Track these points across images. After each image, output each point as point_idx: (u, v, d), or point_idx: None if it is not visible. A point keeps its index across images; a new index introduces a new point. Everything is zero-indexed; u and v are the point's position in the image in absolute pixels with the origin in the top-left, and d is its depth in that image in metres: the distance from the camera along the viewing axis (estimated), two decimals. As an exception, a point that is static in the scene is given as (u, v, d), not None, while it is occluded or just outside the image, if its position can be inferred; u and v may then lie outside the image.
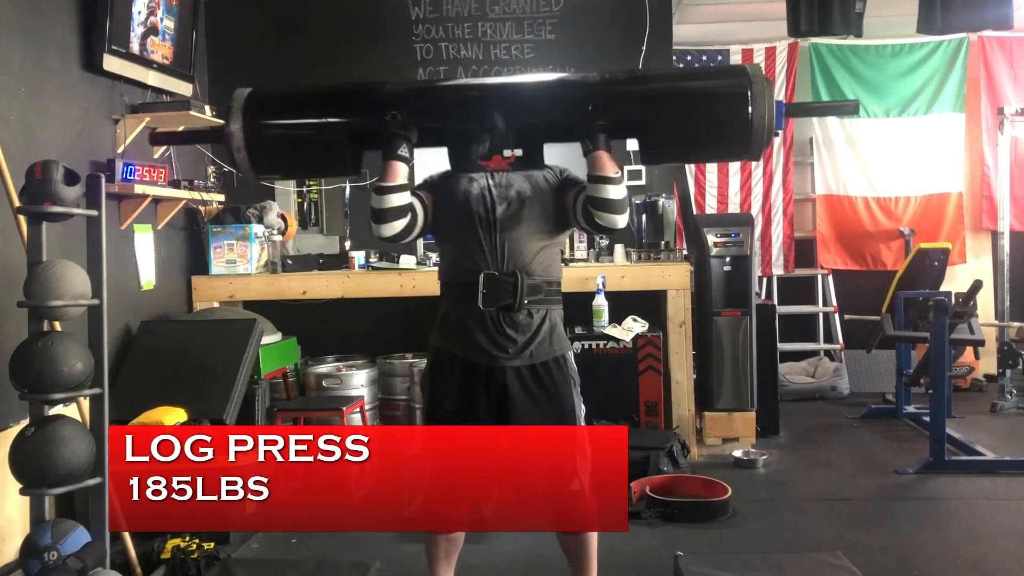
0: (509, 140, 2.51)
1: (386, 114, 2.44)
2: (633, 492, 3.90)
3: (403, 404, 5.04)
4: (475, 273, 2.48)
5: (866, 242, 6.72)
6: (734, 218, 5.96)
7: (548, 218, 2.53)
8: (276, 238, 5.07)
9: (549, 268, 2.55)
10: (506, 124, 2.47)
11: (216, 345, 4.08)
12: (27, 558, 2.65)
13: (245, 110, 2.52)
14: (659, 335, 4.79)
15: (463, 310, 2.50)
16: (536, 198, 2.52)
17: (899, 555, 3.39)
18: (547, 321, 2.53)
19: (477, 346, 2.48)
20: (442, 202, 2.56)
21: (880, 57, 6.60)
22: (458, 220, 2.52)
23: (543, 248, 2.54)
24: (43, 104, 3.69)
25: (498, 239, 2.49)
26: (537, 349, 2.50)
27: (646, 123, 2.50)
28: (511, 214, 2.49)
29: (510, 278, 2.47)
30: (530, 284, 2.48)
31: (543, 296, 2.52)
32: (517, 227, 2.50)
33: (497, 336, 2.47)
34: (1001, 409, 5.77)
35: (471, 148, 2.52)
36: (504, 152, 2.52)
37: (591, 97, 2.47)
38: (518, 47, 5.44)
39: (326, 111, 2.58)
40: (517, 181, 2.54)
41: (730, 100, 2.45)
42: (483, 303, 2.46)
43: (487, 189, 2.52)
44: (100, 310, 2.88)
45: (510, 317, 2.48)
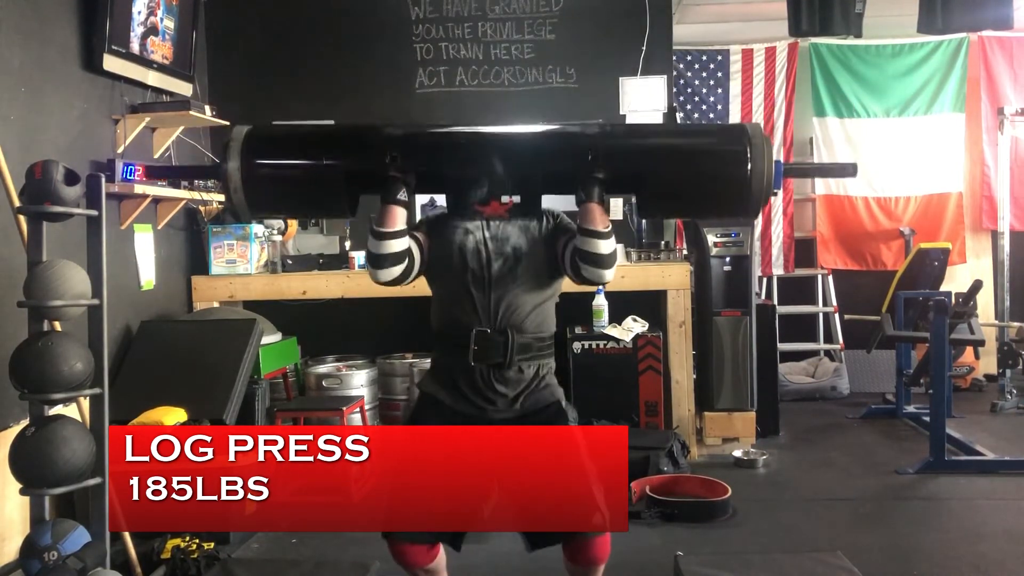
0: (507, 187, 2.49)
1: (385, 157, 2.41)
2: (633, 492, 3.90)
3: (403, 404, 5.04)
4: (467, 328, 2.43)
5: (866, 242, 6.72)
6: (733, 219, 5.95)
7: (543, 272, 2.49)
8: (276, 238, 5.08)
9: (542, 325, 2.51)
10: (504, 170, 2.45)
11: (216, 345, 4.08)
12: (27, 558, 2.65)
13: (243, 148, 2.47)
14: (659, 335, 4.79)
15: (453, 362, 2.47)
16: (531, 252, 2.47)
17: (899, 555, 3.39)
18: (537, 375, 2.49)
19: (465, 398, 2.46)
20: (436, 249, 2.51)
21: (880, 57, 6.60)
22: (451, 273, 2.48)
23: (538, 305, 2.49)
24: (43, 104, 3.69)
25: (492, 297, 2.44)
26: (526, 402, 2.47)
27: (643, 178, 2.48)
28: (506, 271, 2.45)
29: (501, 337, 2.42)
30: (521, 343, 2.44)
31: (534, 353, 2.48)
32: (512, 285, 2.45)
33: (486, 391, 2.45)
34: (1001, 409, 5.77)
35: (469, 193, 2.50)
36: (502, 199, 2.50)
37: (589, 149, 2.45)
38: (518, 47, 5.44)
39: (324, 153, 2.54)
40: (513, 235, 2.49)
41: (729, 159, 2.44)
42: (473, 359, 2.42)
43: (483, 243, 2.47)
44: (100, 310, 2.88)
45: (500, 373, 2.44)
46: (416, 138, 2.59)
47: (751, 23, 6.32)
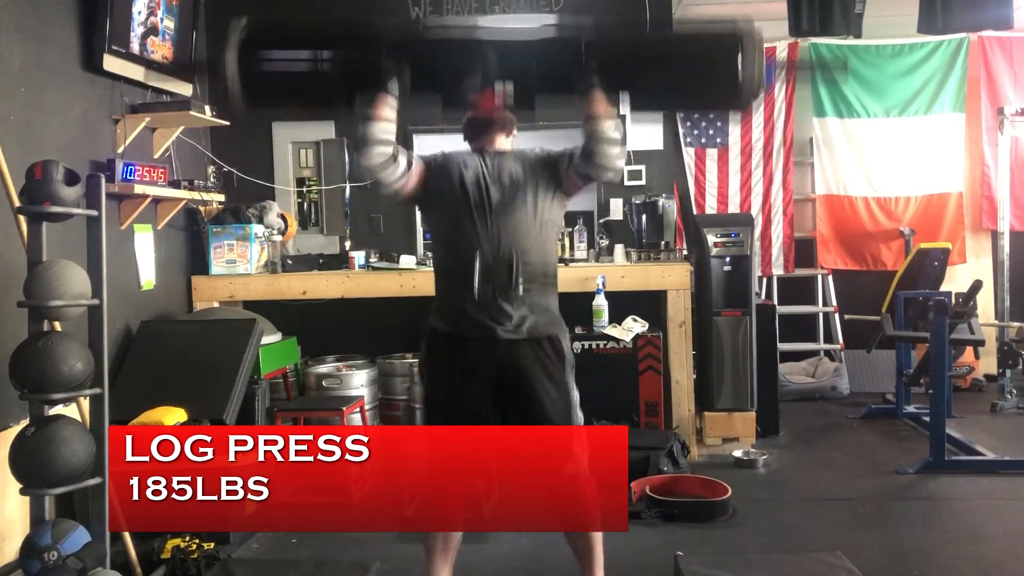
0: (501, 78, 2.52)
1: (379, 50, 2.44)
2: (633, 492, 3.90)
3: (403, 404, 5.04)
4: (470, 256, 2.50)
5: (866, 242, 6.71)
6: (734, 218, 5.96)
7: (543, 197, 2.56)
8: (276, 238, 5.07)
9: (544, 249, 2.58)
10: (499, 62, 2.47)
11: (216, 345, 4.08)
12: (27, 558, 2.65)
13: (240, 40, 2.55)
14: (659, 335, 4.79)
15: (459, 292, 2.52)
16: (530, 178, 2.55)
17: (899, 555, 3.39)
18: (543, 301, 2.56)
19: (472, 322, 2.51)
20: (435, 183, 2.58)
21: (880, 57, 6.59)
22: (452, 203, 2.55)
23: (539, 230, 2.56)
24: (43, 104, 3.69)
25: (493, 222, 2.51)
26: (532, 326, 2.52)
27: (636, 68, 2.52)
28: (506, 197, 2.52)
29: (506, 260, 2.49)
30: (526, 265, 2.51)
31: (539, 277, 2.55)
32: (512, 209, 2.52)
33: (492, 311, 2.50)
34: (1001, 409, 5.77)
35: (464, 85, 2.52)
36: (496, 87, 2.53)
37: (583, 38, 2.48)
38: (518, 47, 5.43)
39: (320, 44, 2.59)
40: (510, 163, 2.57)
41: (719, 44, 2.48)
42: (479, 285, 2.48)
43: (481, 173, 2.55)
44: (100, 310, 2.88)
45: (506, 295, 2.50)
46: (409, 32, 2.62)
47: (751, 23, 6.31)
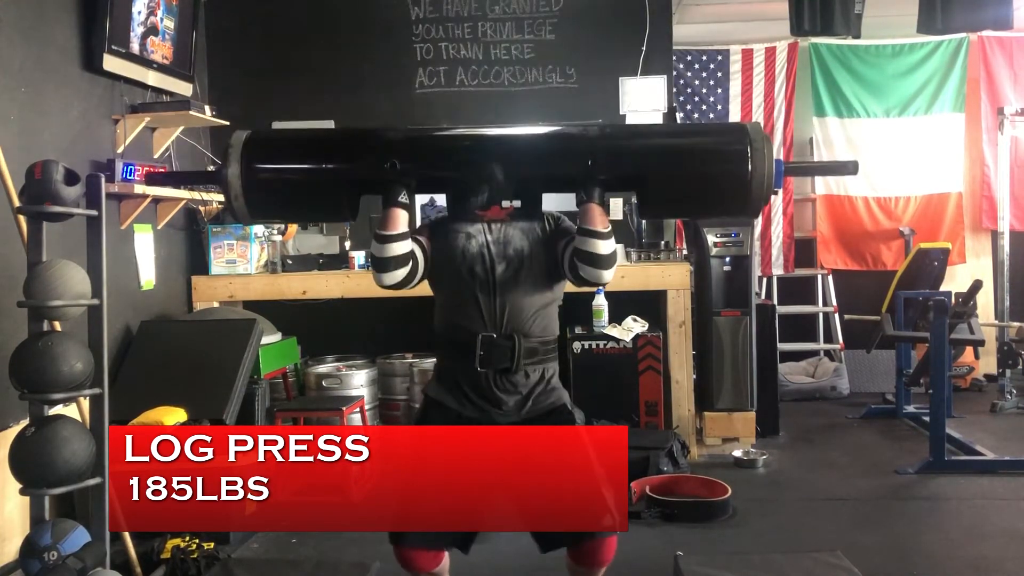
0: (508, 191, 2.48)
1: (385, 162, 2.41)
2: (633, 492, 3.90)
3: (403, 404, 5.05)
4: (472, 334, 2.43)
5: (866, 242, 6.72)
6: (734, 218, 5.95)
7: (546, 275, 2.49)
8: (276, 238, 5.08)
9: (546, 328, 2.52)
10: (505, 175, 2.44)
11: (216, 345, 4.08)
12: (27, 558, 2.65)
13: (243, 154, 2.46)
14: (659, 335, 4.79)
15: (459, 368, 2.47)
16: (534, 255, 2.48)
17: (899, 555, 3.39)
18: (543, 378, 2.50)
19: (471, 403, 2.46)
20: (439, 253, 2.50)
21: (880, 57, 6.60)
22: (456, 277, 2.47)
23: (542, 308, 2.50)
24: (43, 104, 3.69)
25: (497, 302, 2.45)
26: (533, 405, 2.48)
27: (644, 178, 2.49)
28: (510, 274, 2.45)
29: (508, 341, 2.43)
30: (527, 347, 2.45)
31: (539, 356, 2.49)
32: (516, 288, 2.45)
33: (492, 395, 2.45)
34: (1001, 409, 5.77)
35: (470, 197, 2.49)
36: (503, 203, 2.50)
37: (590, 150, 2.45)
38: (518, 47, 5.44)
39: (324, 158, 2.54)
40: (516, 238, 2.49)
41: (729, 158, 2.44)
42: (480, 365, 2.42)
43: (486, 247, 2.47)
44: (100, 310, 2.88)
45: (506, 378, 2.45)
46: (416, 142, 2.59)
47: (751, 23, 6.32)
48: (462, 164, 2.49)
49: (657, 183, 2.49)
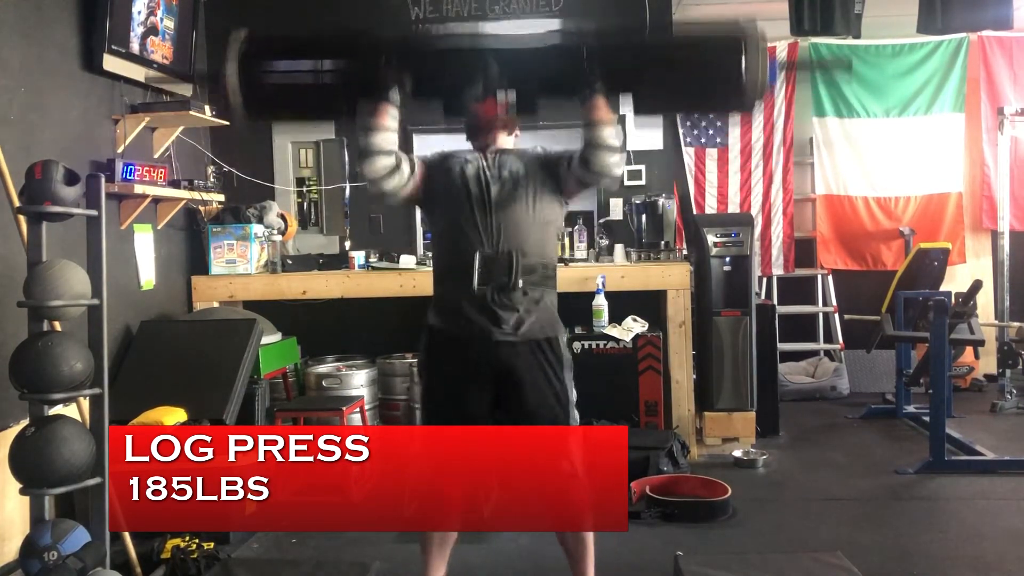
0: (503, 85, 2.51)
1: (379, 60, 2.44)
2: (633, 492, 3.90)
3: (403, 404, 5.04)
4: (470, 253, 2.49)
5: (866, 242, 6.71)
6: (734, 218, 5.96)
7: (543, 196, 2.56)
8: (276, 238, 5.07)
9: (544, 248, 2.58)
10: (501, 69, 2.47)
11: (216, 345, 4.08)
12: (27, 558, 2.65)
13: (241, 51, 2.56)
14: (659, 335, 4.79)
15: (458, 290, 2.52)
16: (530, 176, 2.55)
17: (899, 555, 3.39)
18: (541, 302, 2.55)
19: (471, 322, 2.50)
20: (436, 182, 2.58)
21: (880, 57, 6.59)
22: (453, 200, 2.54)
23: (539, 227, 2.56)
24: (43, 104, 3.69)
25: (493, 219, 2.51)
26: (531, 327, 2.52)
27: (639, 71, 2.52)
28: (506, 193, 2.52)
29: (506, 257, 2.48)
30: (525, 264, 2.51)
31: (538, 277, 2.54)
32: (513, 206, 2.52)
33: (492, 312, 2.49)
34: (1001, 409, 5.77)
35: (466, 93, 2.52)
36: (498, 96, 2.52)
37: (586, 44, 2.47)
38: (518, 47, 5.43)
39: (321, 55, 2.58)
40: (511, 161, 2.57)
41: (723, 47, 2.47)
42: (478, 282, 2.47)
43: (482, 169, 2.55)
44: (100, 310, 2.88)
45: (505, 295, 2.50)
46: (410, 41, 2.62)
47: (751, 23, 6.31)
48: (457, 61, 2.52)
49: (652, 75, 2.51)
